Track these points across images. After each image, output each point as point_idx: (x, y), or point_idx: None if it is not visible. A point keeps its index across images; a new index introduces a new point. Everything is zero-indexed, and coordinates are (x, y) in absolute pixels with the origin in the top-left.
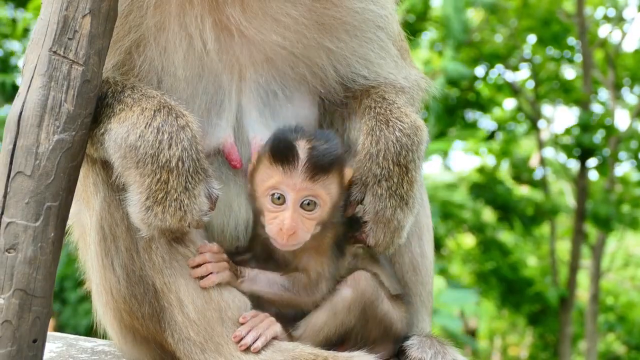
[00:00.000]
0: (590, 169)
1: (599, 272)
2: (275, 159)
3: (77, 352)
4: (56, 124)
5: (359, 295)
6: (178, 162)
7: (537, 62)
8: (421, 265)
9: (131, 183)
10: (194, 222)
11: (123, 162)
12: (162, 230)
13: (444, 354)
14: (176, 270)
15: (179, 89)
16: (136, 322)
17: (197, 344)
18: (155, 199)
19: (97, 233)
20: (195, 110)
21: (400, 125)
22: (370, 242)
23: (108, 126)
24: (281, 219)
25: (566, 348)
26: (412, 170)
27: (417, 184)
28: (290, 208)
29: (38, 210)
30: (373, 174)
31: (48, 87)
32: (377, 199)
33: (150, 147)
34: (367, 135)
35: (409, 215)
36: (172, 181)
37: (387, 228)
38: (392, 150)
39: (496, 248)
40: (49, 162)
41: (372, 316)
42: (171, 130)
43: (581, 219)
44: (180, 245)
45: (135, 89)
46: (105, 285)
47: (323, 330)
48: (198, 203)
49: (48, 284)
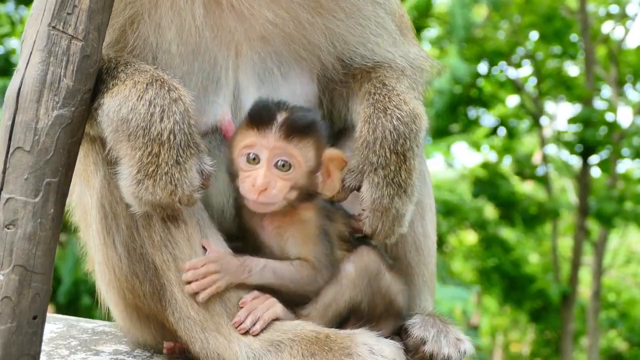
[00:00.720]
0: (592, 166)
1: (600, 268)
2: (252, 120)
3: (78, 333)
4: (55, 100)
5: (363, 269)
6: (170, 135)
7: (540, 59)
8: (424, 245)
9: (122, 156)
10: (185, 198)
11: (115, 136)
12: (153, 206)
13: (446, 333)
14: (175, 247)
15: (174, 66)
16: (138, 300)
17: (197, 322)
18: (146, 172)
19: (98, 212)
20: (192, 87)
21: (398, 114)
22: (367, 230)
23: (101, 101)
24: (254, 175)
25: (568, 344)
26: (410, 158)
27: (416, 172)
28: (264, 166)
29: (37, 186)
30: (370, 161)
31: (47, 62)
32: (374, 187)
33: (142, 120)
34: (365, 122)
35: (407, 203)
36: (163, 154)
37: (385, 217)
38: (389, 138)
39: (498, 245)
40: (48, 137)
41: (377, 289)
42: (163, 103)
43: (583, 216)
44: (179, 223)
45: (129, 64)
46: (107, 263)
47: (331, 307)
48: (189, 177)
49: (48, 260)
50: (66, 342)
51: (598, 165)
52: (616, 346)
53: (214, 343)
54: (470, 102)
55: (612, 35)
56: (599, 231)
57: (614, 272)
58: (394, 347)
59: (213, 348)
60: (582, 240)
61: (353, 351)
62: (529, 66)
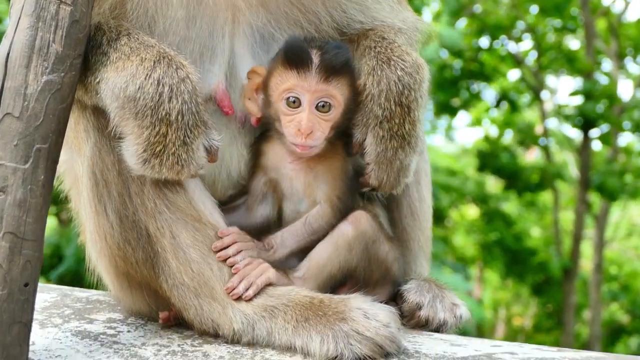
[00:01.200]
0: (593, 139)
1: (602, 241)
2: (290, 62)
3: (72, 302)
4: (44, 65)
5: (360, 233)
6: (178, 115)
7: (540, 33)
8: (419, 210)
9: (128, 134)
10: (190, 176)
11: (120, 113)
12: (156, 180)
13: (442, 298)
14: (169, 214)
15: (170, 33)
16: (130, 268)
17: (191, 289)
18: (152, 151)
19: (89, 179)
20: (188, 54)
21: (402, 64)
22: (373, 182)
23: (104, 75)
24: (298, 120)
25: (570, 317)
26: (414, 110)
27: (420, 124)
28: (306, 109)
29: (27, 152)
30: (374, 115)
31: (35, 27)
32: (378, 141)
33: (150, 100)
34: (369, 75)
35: (411, 154)
36: (171, 134)
37: (390, 169)
38: (394, 90)
39: (500, 219)
40: (38, 103)
41: (374, 256)
42: (172, 82)
43: (585, 189)
44: (173, 190)
45: (132, 36)
46: (99, 231)
47: (326, 268)
48: (196, 158)
49: (39, 227)
50: (60, 310)
51: (599, 138)
52: (618, 318)
53: (208, 309)
54: (472, 76)
55: (612, 8)
56: (601, 204)
57: (615, 245)
58: (388, 312)
59: (207, 314)
60: (583, 214)
61: (347, 316)
62: (529, 40)
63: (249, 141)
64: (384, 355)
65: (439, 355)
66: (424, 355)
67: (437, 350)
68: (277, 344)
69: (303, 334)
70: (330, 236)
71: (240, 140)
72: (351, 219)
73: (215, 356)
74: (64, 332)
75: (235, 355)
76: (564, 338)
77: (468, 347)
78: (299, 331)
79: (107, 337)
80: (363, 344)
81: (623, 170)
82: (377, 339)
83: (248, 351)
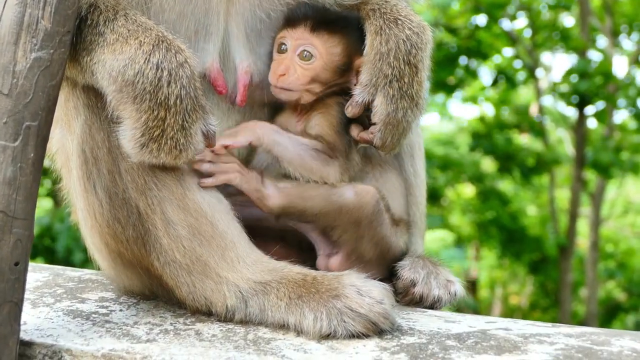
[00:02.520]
0: (588, 117)
1: (598, 219)
2: (287, 19)
3: (64, 281)
4: (33, 42)
5: (359, 205)
6: (176, 99)
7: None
8: (414, 185)
9: (126, 118)
10: (188, 161)
11: (118, 96)
12: (153, 165)
13: (436, 275)
14: (159, 191)
15: (166, 9)
16: (121, 246)
17: (183, 266)
18: (150, 135)
19: (78, 157)
20: (182, 32)
21: (409, 24)
22: (377, 143)
23: (101, 56)
24: (278, 62)
25: (566, 296)
26: (421, 70)
27: (426, 85)
28: (289, 55)
29: (17, 130)
30: (384, 74)
31: (24, 3)
32: (389, 101)
33: (149, 84)
34: (376, 35)
35: (418, 116)
36: (169, 119)
37: (396, 130)
38: (403, 49)
39: (496, 197)
40: (27, 80)
41: (368, 235)
42: (170, 66)
43: (580, 167)
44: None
45: (129, 17)
46: (89, 209)
47: (306, 202)
48: (194, 142)
49: (29, 206)
50: (52, 290)
51: (594, 116)
52: (615, 296)
53: (201, 286)
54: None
55: None
56: (597, 182)
57: (611, 223)
58: (382, 289)
59: (200, 292)
60: (579, 192)
61: (340, 292)
62: (524, 18)
63: (240, 119)
64: (377, 332)
65: (434, 332)
66: (418, 332)
67: (431, 326)
68: (270, 321)
69: (296, 311)
70: (329, 187)
71: (232, 118)
72: (357, 188)
73: (208, 334)
74: (55, 311)
75: (228, 333)
76: (561, 316)
77: (462, 323)
78: (291, 308)
79: (99, 316)
80: (356, 321)
81: (619, 147)
82: (371, 315)
83: (241, 329)
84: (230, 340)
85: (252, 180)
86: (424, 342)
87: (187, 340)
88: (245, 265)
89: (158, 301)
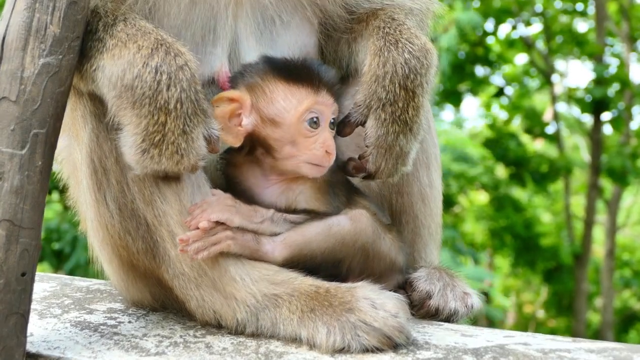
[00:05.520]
0: (604, 123)
1: (614, 227)
2: (301, 79)
3: (72, 291)
4: (42, 47)
5: (357, 232)
6: (177, 103)
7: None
8: (430, 196)
9: (126, 124)
10: (190, 166)
11: (118, 102)
12: (156, 173)
13: (453, 287)
14: (166, 201)
15: (172, 15)
16: (133, 258)
17: (191, 279)
18: (151, 141)
19: (87, 166)
20: (189, 37)
21: (410, 47)
22: (370, 167)
23: (100, 62)
24: (322, 140)
25: (582, 305)
26: (419, 95)
27: (424, 110)
28: (325, 128)
29: (24, 138)
30: (378, 97)
31: (32, 8)
32: (380, 124)
33: (148, 88)
34: (375, 56)
35: (412, 141)
36: (170, 123)
37: (388, 154)
38: (400, 73)
39: (510, 205)
40: (35, 87)
41: (376, 253)
42: (170, 70)
43: (596, 174)
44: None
45: (128, 22)
46: (100, 221)
47: (310, 244)
48: (196, 147)
49: (36, 215)
50: (59, 300)
51: (610, 122)
52: (631, 305)
53: (210, 300)
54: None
55: None
56: (612, 189)
57: (627, 231)
58: (396, 301)
59: (209, 305)
60: (595, 199)
61: (354, 306)
62: (538, 23)
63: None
64: (392, 347)
65: (450, 347)
66: (433, 347)
67: (447, 341)
68: (282, 334)
69: (309, 325)
70: (326, 221)
71: None
72: (351, 215)
73: (218, 347)
74: (63, 322)
75: (239, 346)
76: (576, 325)
77: (480, 337)
78: (304, 322)
79: (108, 328)
80: (371, 335)
81: (635, 154)
82: (385, 329)
83: (252, 342)
84: (241, 354)
85: (248, 243)
86: (440, 357)
87: (197, 353)
88: (255, 278)
89: (167, 313)
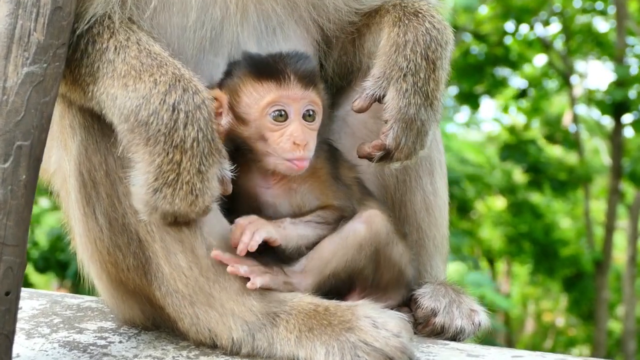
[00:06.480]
0: (625, 126)
1: (636, 233)
2: (265, 74)
3: (62, 309)
4: (25, 55)
5: (373, 235)
6: (193, 142)
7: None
8: (434, 205)
9: (138, 161)
10: (203, 208)
11: (130, 136)
12: (166, 215)
13: (459, 303)
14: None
15: (175, 23)
16: (122, 274)
17: (185, 296)
18: (165, 180)
19: (76, 179)
20: (191, 46)
21: (430, 18)
22: (390, 143)
23: (111, 90)
24: (289, 133)
25: (603, 313)
26: (439, 68)
27: (443, 86)
28: (296, 120)
29: (7, 150)
30: (399, 67)
31: (15, 15)
32: (401, 95)
33: (164, 126)
34: (394, 26)
35: (432, 117)
36: (185, 162)
37: (409, 129)
38: (422, 42)
39: (528, 210)
40: (18, 97)
41: (386, 259)
42: (187, 109)
43: (617, 178)
44: None
45: (142, 47)
46: (89, 235)
47: (330, 264)
48: (211, 187)
49: (21, 231)
50: (48, 319)
51: (631, 125)
52: None
53: (205, 318)
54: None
55: None
56: (634, 193)
57: None
58: (399, 320)
59: (204, 324)
60: (616, 203)
61: (354, 325)
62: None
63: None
64: None
65: None
66: None
67: None
68: (279, 355)
69: (307, 345)
70: (340, 232)
71: None
72: (365, 217)
73: None
74: (51, 342)
75: None
76: (597, 334)
77: (487, 357)
78: (302, 342)
79: (97, 348)
80: (371, 356)
81: None
82: (387, 350)
83: None
84: None
85: (278, 276)
86: None
87: None
88: (252, 295)
89: (160, 332)
